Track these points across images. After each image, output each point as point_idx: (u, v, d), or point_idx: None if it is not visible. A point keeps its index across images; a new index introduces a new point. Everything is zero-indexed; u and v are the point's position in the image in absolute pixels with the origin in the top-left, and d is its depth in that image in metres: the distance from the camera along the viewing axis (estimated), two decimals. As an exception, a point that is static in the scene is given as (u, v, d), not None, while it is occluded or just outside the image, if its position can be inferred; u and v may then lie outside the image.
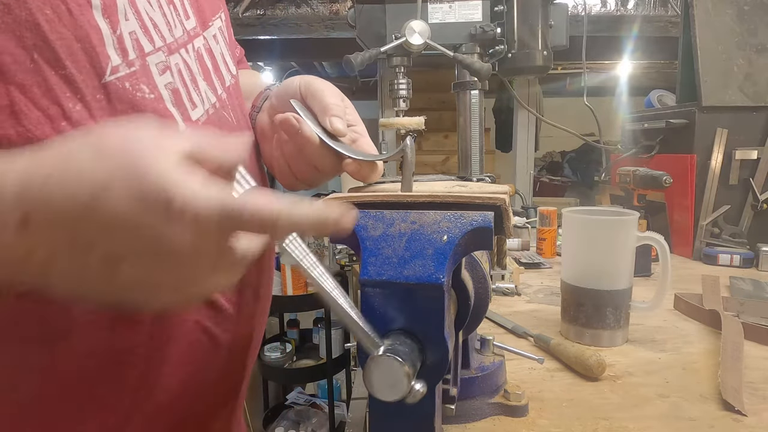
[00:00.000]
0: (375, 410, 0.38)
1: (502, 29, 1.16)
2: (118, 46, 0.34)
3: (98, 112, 0.33)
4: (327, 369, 2.17)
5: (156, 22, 0.37)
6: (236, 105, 0.48)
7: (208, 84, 0.43)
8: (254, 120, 0.55)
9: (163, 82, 0.37)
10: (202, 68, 0.42)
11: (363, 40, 1.20)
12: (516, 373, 0.65)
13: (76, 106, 0.32)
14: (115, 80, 0.34)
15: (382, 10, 1.17)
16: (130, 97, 0.34)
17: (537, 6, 1.16)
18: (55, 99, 0.31)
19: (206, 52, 0.44)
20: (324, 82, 0.49)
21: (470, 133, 1.24)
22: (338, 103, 0.47)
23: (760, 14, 1.26)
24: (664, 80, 3.35)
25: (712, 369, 0.65)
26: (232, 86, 0.48)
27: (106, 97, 0.33)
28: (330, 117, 0.46)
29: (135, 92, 0.35)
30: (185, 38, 0.40)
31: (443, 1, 1.18)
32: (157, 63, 0.37)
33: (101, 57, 0.33)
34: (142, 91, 0.35)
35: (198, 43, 0.42)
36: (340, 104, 0.48)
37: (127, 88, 0.34)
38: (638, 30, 2.21)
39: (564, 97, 3.46)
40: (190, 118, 0.39)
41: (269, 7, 2.16)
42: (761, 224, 1.18)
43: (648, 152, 1.36)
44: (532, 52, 1.17)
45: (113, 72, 0.33)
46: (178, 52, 0.39)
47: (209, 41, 0.44)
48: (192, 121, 0.39)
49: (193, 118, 0.39)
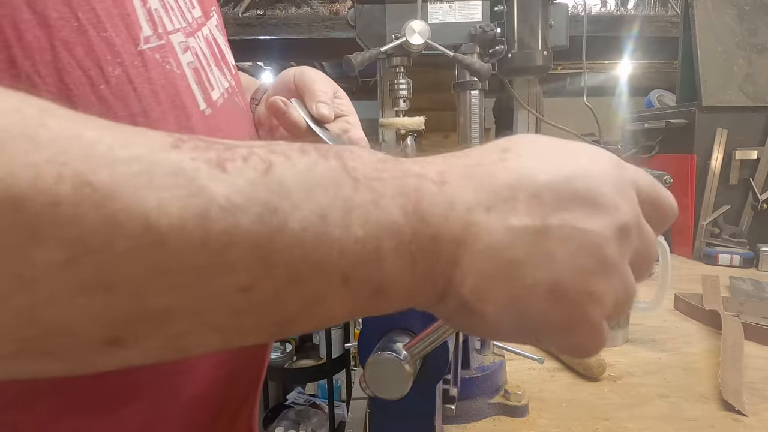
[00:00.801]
0: (375, 410, 0.38)
1: (502, 29, 1.16)
2: (148, 18, 0.34)
3: (137, 78, 0.32)
4: (327, 369, 2.17)
5: (172, 5, 0.38)
6: (241, 93, 0.49)
7: (219, 70, 0.44)
8: (254, 112, 0.57)
9: (185, 61, 0.38)
10: (213, 55, 0.43)
11: (363, 40, 1.20)
12: (516, 373, 0.65)
13: (115, 70, 0.31)
14: (148, 50, 0.34)
15: (382, 10, 1.17)
16: (161, 68, 0.34)
17: (537, 6, 1.16)
18: (96, 60, 0.30)
19: (213, 41, 0.45)
20: (317, 72, 0.51)
21: (470, 133, 1.24)
22: (326, 91, 0.49)
23: (760, 14, 1.26)
24: (664, 80, 3.35)
25: (712, 369, 0.65)
26: (235, 75, 0.49)
27: (144, 65, 0.33)
28: (316, 102, 0.47)
29: (164, 65, 0.35)
30: (195, 25, 0.41)
31: (443, 1, 1.18)
32: (179, 42, 0.37)
33: (135, 26, 0.33)
34: (170, 65, 0.35)
35: (205, 32, 0.44)
36: (328, 92, 0.49)
37: (158, 59, 0.34)
38: (638, 30, 2.21)
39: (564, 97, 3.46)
40: (211, 98, 0.40)
41: (269, 7, 2.16)
42: (761, 224, 1.18)
43: (648, 152, 1.36)
44: (532, 52, 1.18)
45: (146, 42, 0.33)
46: (194, 36, 0.40)
47: (212, 31, 0.46)
48: (212, 101, 0.40)
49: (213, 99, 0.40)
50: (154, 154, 0.18)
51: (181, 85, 0.36)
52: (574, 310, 0.22)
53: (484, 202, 0.22)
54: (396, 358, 0.31)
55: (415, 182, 0.21)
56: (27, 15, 0.27)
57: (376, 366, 0.32)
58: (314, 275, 0.19)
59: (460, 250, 0.21)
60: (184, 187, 0.17)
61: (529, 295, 0.22)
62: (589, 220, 0.22)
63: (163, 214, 0.17)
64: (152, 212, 0.17)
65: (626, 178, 0.24)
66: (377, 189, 0.21)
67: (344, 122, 0.50)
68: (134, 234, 0.16)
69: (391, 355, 0.31)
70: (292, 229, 0.19)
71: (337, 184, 0.20)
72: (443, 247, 0.21)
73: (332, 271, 0.20)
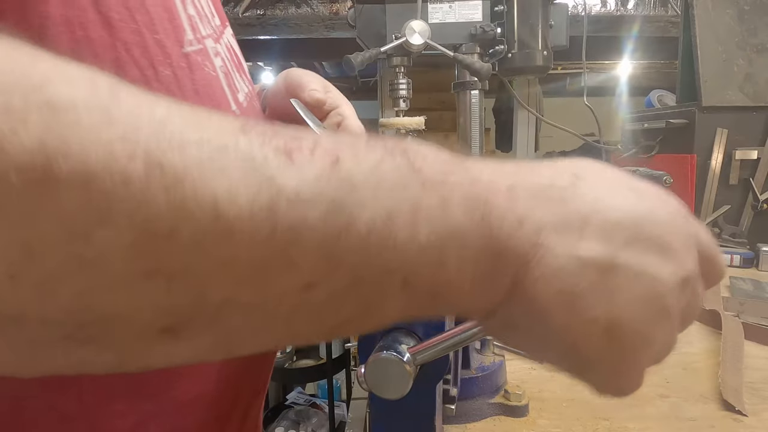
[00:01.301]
0: (375, 410, 0.38)
1: (502, 29, 1.16)
2: (189, 22, 0.35)
3: (184, 80, 0.34)
4: (327, 369, 2.17)
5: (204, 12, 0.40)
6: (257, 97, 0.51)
7: (239, 74, 0.45)
8: None
9: (218, 65, 0.39)
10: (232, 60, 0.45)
11: (363, 40, 1.20)
12: (516, 373, 0.65)
13: (165, 71, 0.32)
14: (192, 52, 0.35)
15: (382, 10, 1.17)
16: (201, 70, 0.36)
17: (537, 6, 1.16)
18: (151, 61, 0.31)
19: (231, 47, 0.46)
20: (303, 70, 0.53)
21: (470, 133, 1.24)
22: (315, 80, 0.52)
23: (760, 14, 1.26)
24: (664, 80, 3.35)
25: (712, 369, 0.65)
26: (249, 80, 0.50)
27: (188, 66, 0.34)
28: (308, 91, 0.50)
29: (203, 67, 0.36)
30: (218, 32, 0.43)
31: (443, 1, 1.18)
32: (211, 47, 0.39)
33: (180, 29, 0.34)
34: (208, 68, 0.37)
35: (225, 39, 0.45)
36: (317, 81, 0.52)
37: (199, 62, 0.36)
38: (638, 30, 2.21)
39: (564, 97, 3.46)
40: (238, 100, 0.41)
41: (269, 7, 2.16)
42: (761, 224, 1.18)
43: (648, 152, 1.36)
44: (532, 52, 1.18)
45: (189, 44, 0.35)
46: (219, 43, 0.41)
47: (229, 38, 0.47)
48: (239, 102, 0.41)
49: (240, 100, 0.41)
50: (224, 137, 0.17)
51: (217, 86, 0.38)
52: (626, 353, 0.22)
53: (555, 225, 0.21)
54: (398, 359, 0.31)
55: (485, 193, 0.21)
56: (93, 15, 0.28)
57: (377, 365, 0.32)
58: (376, 278, 0.19)
59: (524, 269, 0.21)
60: (253, 176, 0.17)
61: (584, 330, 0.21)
62: (657, 266, 0.22)
63: (233, 204, 0.16)
64: (222, 201, 0.16)
65: (692, 231, 0.24)
66: (444, 194, 0.20)
67: (337, 115, 0.52)
68: (202, 222, 0.16)
69: (393, 356, 0.31)
70: (358, 229, 0.18)
71: (404, 185, 0.19)
72: (507, 263, 0.21)
73: (394, 275, 0.19)
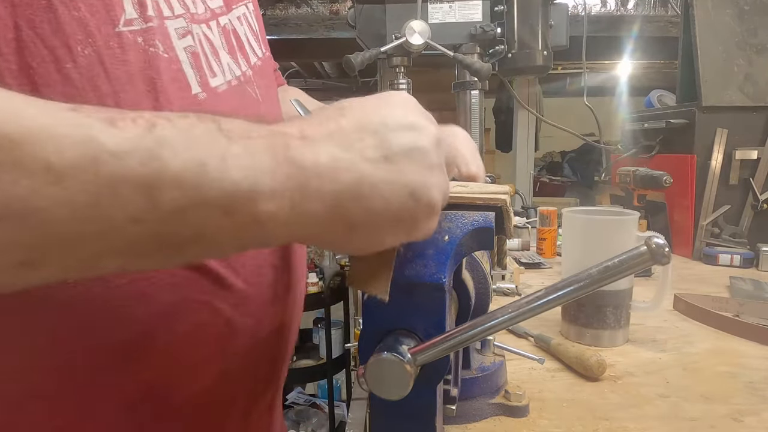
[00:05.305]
0: (375, 410, 0.38)
1: (502, 29, 1.16)
2: (136, 1, 0.34)
3: (110, 59, 0.33)
4: (327, 369, 2.17)
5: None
6: (263, 84, 0.49)
7: (232, 58, 0.44)
8: None
9: (183, 45, 0.38)
10: (227, 43, 0.44)
11: (363, 40, 1.20)
12: (516, 373, 0.65)
13: (85, 50, 0.32)
14: (128, 32, 0.34)
15: (382, 10, 1.17)
16: (142, 51, 0.35)
17: (537, 6, 1.16)
18: (65, 39, 0.31)
19: (231, 31, 0.45)
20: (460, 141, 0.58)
21: (470, 133, 1.24)
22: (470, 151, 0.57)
23: (760, 14, 1.26)
24: (664, 80, 3.34)
25: (713, 369, 0.65)
26: (258, 66, 0.49)
27: (120, 46, 0.33)
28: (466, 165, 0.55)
29: (147, 47, 0.35)
30: (208, 15, 0.42)
31: (443, 1, 1.18)
32: (176, 28, 0.38)
33: (116, 7, 0.33)
34: (156, 47, 0.35)
35: (223, 21, 0.44)
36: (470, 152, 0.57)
37: (140, 42, 0.35)
38: (638, 30, 2.21)
39: (564, 97, 3.45)
40: (209, 84, 0.40)
41: (269, 7, 2.16)
42: (761, 224, 1.18)
43: (648, 152, 1.37)
44: (532, 52, 1.18)
45: (126, 24, 0.34)
46: (200, 25, 0.40)
47: (233, 22, 0.46)
48: (210, 87, 0.40)
49: (212, 85, 0.40)
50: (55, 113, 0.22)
51: (169, 68, 0.36)
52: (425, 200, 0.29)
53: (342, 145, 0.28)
54: (398, 360, 0.31)
55: (282, 139, 0.27)
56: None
57: (378, 366, 0.32)
58: (196, 208, 0.24)
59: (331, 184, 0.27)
60: (79, 136, 0.22)
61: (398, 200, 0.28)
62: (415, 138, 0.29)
63: (62, 158, 0.21)
64: (52, 156, 0.21)
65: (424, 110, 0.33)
66: (249, 144, 0.26)
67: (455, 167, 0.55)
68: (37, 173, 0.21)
69: (393, 356, 0.31)
70: (173, 171, 0.23)
71: (212, 140, 0.25)
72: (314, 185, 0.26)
73: (212, 204, 0.24)
